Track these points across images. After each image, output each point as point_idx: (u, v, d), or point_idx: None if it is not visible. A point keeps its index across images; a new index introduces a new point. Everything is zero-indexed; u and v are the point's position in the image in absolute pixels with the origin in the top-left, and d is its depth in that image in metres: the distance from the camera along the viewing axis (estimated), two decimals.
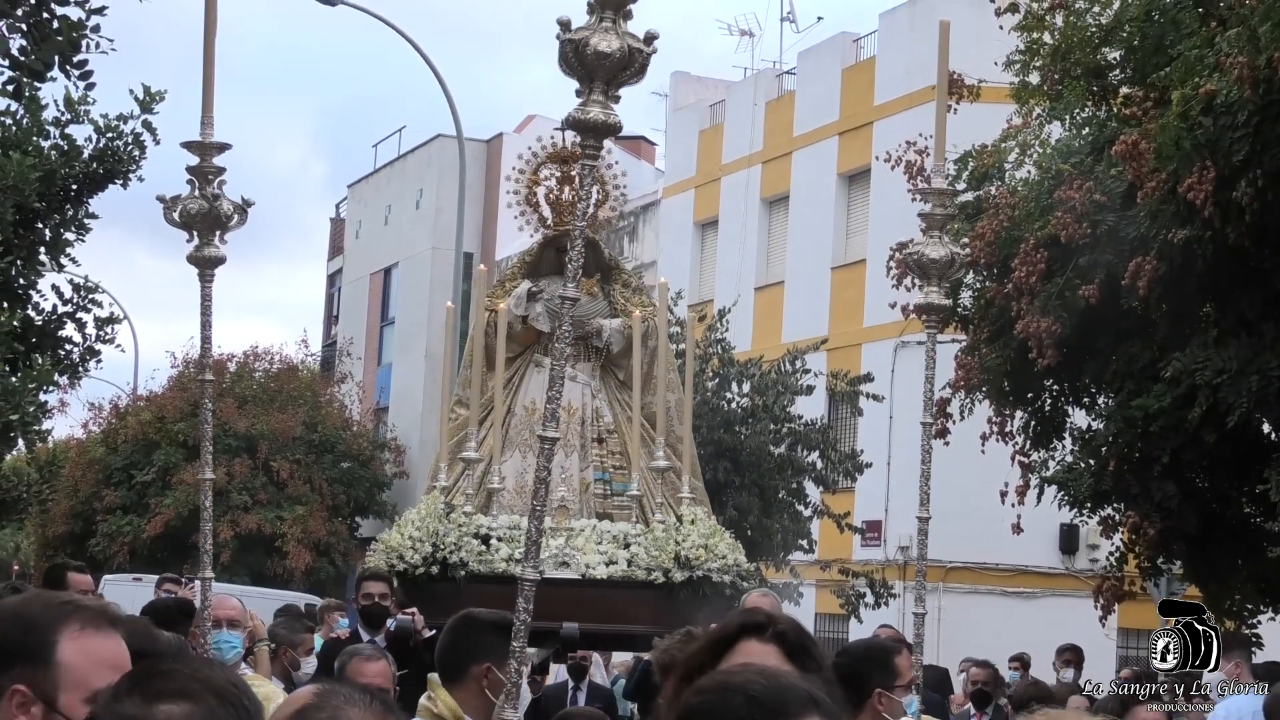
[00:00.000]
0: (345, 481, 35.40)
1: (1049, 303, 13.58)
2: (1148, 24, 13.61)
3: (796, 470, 23.52)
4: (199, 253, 6.92)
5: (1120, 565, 15.39)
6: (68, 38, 10.84)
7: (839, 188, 31.20)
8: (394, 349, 44.00)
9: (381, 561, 10.82)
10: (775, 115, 33.31)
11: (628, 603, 10.87)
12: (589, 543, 11.16)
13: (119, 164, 13.18)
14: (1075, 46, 14.42)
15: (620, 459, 12.14)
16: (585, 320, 12.29)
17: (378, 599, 10.20)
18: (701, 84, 37.70)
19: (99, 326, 13.84)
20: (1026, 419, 15.30)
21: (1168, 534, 14.01)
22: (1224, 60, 11.91)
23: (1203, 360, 12.86)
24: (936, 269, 7.68)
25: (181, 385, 35.30)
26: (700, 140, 35.93)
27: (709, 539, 11.14)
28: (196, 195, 6.81)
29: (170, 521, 32.54)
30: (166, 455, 33.71)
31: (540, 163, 12.31)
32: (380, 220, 45.27)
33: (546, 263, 12.39)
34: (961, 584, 26.92)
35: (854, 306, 29.30)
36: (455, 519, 11.03)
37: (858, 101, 30.90)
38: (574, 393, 12.20)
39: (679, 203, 36.08)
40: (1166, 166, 12.37)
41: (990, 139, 15.45)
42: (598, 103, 4.80)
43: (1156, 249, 12.79)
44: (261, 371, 37.07)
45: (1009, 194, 14.63)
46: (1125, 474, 13.94)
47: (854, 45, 32.05)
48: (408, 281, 43.27)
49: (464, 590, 10.52)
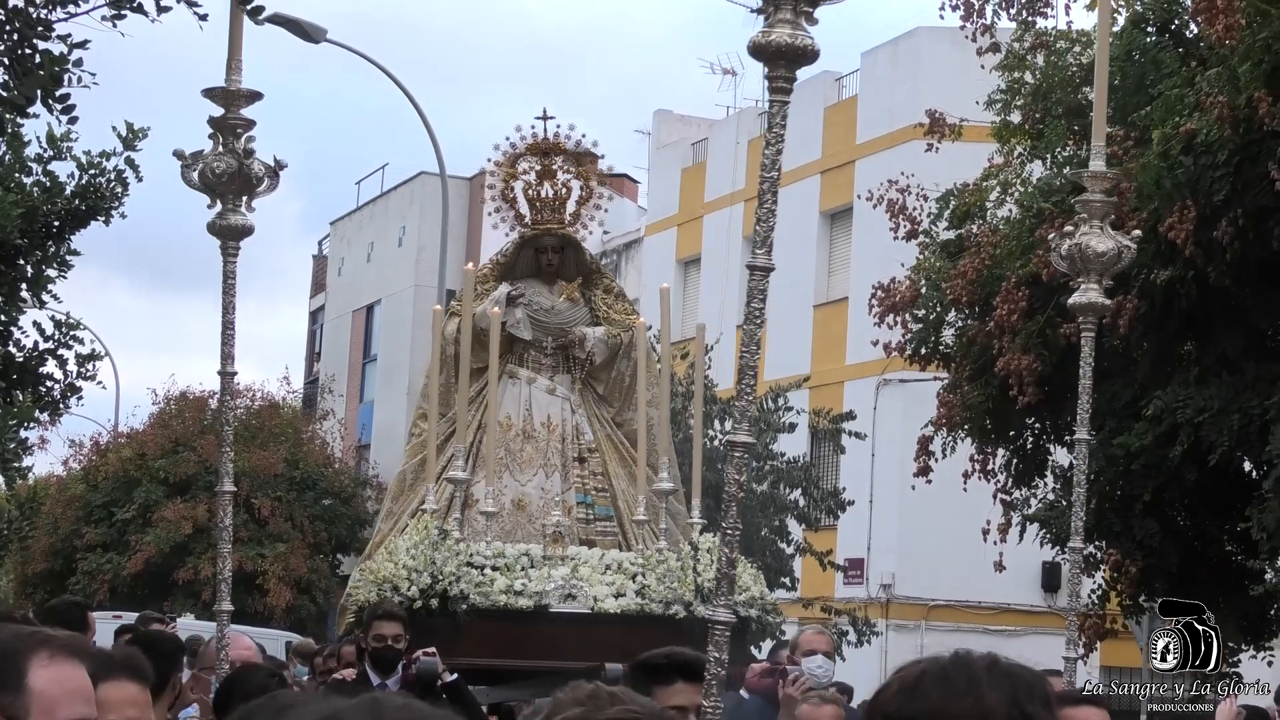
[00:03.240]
0: (327, 519, 35.28)
1: (1030, 341, 13.61)
2: (1128, 64, 13.68)
3: (779, 508, 23.51)
4: (223, 220, 5.76)
5: (1102, 603, 15.39)
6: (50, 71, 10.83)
7: (821, 226, 31.26)
8: (376, 386, 43.94)
9: (371, 594, 9.83)
10: (758, 154, 33.26)
11: (643, 640, 9.78)
12: (594, 573, 10.26)
13: (101, 200, 13.17)
14: (1056, 86, 14.49)
15: (602, 480, 11.42)
16: (566, 328, 11.71)
17: (391, 641, 8.83)
18: (684, 122, 37.79)
19: (80, 363, 13.82)
20: (1008, 457, 15.31)
21: (1149, 572, 14.02)
22: (1204, 100, 11.97)
23: (1184, 399, 12.89)
24: (1100, 264, 6.47)
25: (162, 422, 35.20)
26: (683, 178, 36.00)
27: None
28: (223, 151, 5.65)
29: (151, 559, 32.39)
30: (147, 492, 33.57)
31: (518, 155, 11.61)
32: (363, 257, 45.26)
33: (523, 264, 11.76)
34: (943, 622, 26.88)
35: (836, 344, 29.33)
36: (450, 546, 10.08)
37: (839, 140, 30.98)
38: (553, 407, 11.52)
39: (662, 240, 36.12)
40: (1147, 205, 12.42)
41: (972, 178, 15.51)
42: (786, 22, 3.72)
43: (1138, 288, 12.82)
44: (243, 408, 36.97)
45: (990, 232, 14.67)
46: (1107, 512, 13.95)
47: (836, 84, 32.15)
48: (390, 319, 43.23)
49: (464, 626, 9.74)
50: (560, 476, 11.31)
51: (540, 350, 11.75)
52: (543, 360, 11.74)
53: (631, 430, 11.42)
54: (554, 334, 11.77)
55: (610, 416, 11.69)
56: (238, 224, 5.75)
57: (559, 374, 11.69)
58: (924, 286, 15.20)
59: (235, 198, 5.72)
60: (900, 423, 23.15)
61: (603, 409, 11.68)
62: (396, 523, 11.32)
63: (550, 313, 11.78)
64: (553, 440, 11.37)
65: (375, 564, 10.08)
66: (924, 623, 26.07)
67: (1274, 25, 11.68)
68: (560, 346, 11.70)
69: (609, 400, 11.71)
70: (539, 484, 11.24)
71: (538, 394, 11.59)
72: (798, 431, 24.44)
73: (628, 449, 11.40)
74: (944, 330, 15.42)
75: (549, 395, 11.54)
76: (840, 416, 24.71)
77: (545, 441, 11.35)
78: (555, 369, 11.65)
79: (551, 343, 11.76)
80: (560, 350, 11.71)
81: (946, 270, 14.76)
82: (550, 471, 11.28)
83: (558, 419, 11.46)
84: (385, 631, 8.80)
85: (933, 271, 15.22)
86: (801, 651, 8.84)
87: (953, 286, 14.35)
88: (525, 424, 11.41)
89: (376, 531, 11.78)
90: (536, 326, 11.71)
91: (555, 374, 11.64)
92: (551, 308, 11.79)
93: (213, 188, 5.67)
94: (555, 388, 11.58)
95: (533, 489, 11.26)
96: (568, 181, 11.67)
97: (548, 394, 11.57)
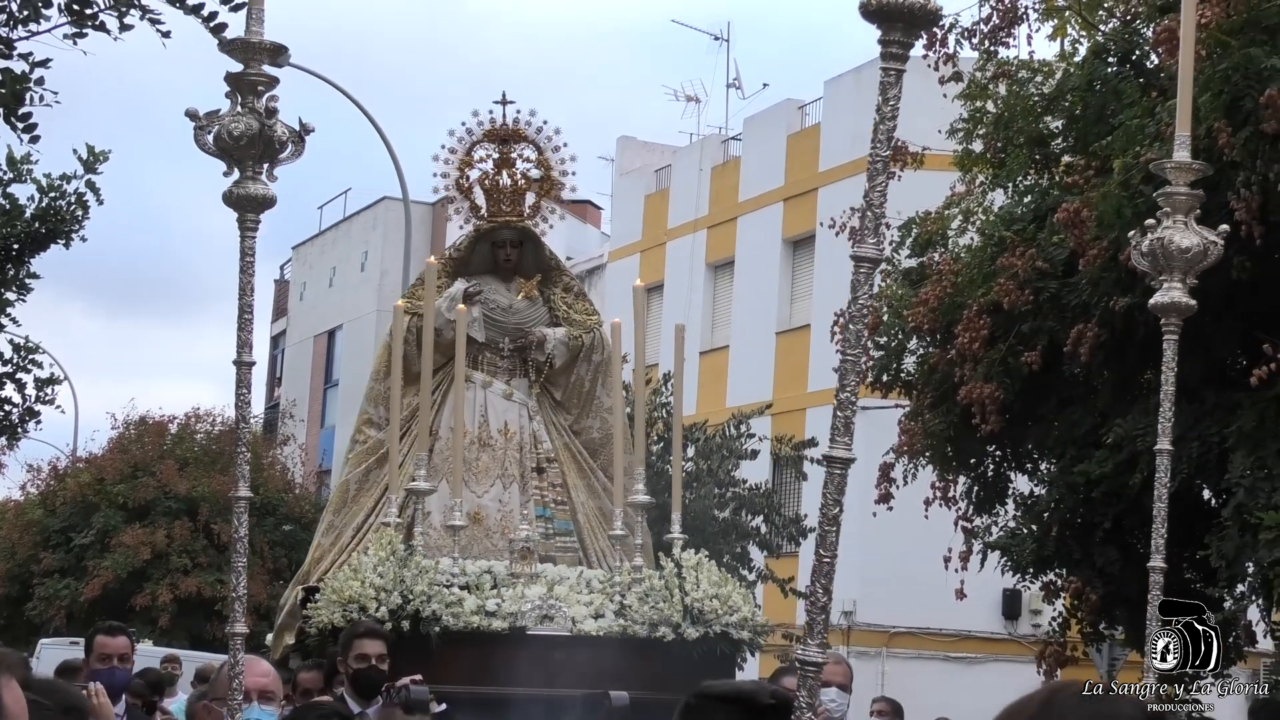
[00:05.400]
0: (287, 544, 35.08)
1: (992, 369, 13.64)
2: (1089, 94, 13.75)
3: (740, 534, 23.50)
4: (241, 189, 5.00)
5: (1063, 630, 15.41)
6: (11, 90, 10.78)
7: (784, 253, 31.33)
8: (337, 411, 43.82)
9: (336, 616, 9.02)
10: (721, 180, 33.46)
11: (630, 663, 9.11)
12: (571, 593, 9.47)
13: (61, 224, 13.10)
14: (1018, 115, 14.55)
15: (561, 492, 10.66)
16: (525, 328, 10.92)
17: (375, 661, 8.01)
18: (647, 149, 37.86)
19: (39, 387, 13.74)
20: (969, 484, 15.33)
21: (1110, 599, 14.05)
22: (1165, 130, 12.02)
23: (1144, 427, 12.92)
24: (1184, 261, 5.82)
25: (121, 447, 35.03)
26: (646, 205, 36.04)
27: (719, 588, 9.42)
28: (243, 112, 4.96)
29: (109, 585, 32.19)
30: (106, 518, 33.37)
31: (475, 142, 10.81)
32: (325, 282, 45.17)
33: (479, 260, 10.95)
34: (904, 649, 26.90)
35: (798, 371, 29.37)
36: (417, 563, 9.24)
37: (803, 168, 31.07)
38: (510, 413, 10.72)
39: (624, 267, 36.15)
40: (1108, 234, 12.47)
41: (934, 206, 15.56)
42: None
43: (1098, 316, 12.87)
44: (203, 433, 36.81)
45: (952, 261, 14.71)
46: (1067, 539, 13.99)
47: (799, 112, 32.26)
48: (352, 344, 43.16)
49: (438, 650, 8.98)
50: (519, 488, 10.55)
51: (496, 352, 10.92)
52: (499, 363, 10.91)
53: (590, 439, 10.83)
54: (511, 334, 10.95)
55: (568, 424, 10.94)
56: (258, 194, 4.97)
57: (516, 377, 10.90)
58: (886, 314, 15.23)
59: (255, 164, 4.98)
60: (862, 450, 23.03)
61: (560, 416, 10.92)
62: (339, 537, 10.58)
63: (508, 312, 10.95)
64: (510, 449, 10.62)
65: (339, 583, 9.23)
66: (885, 650, 26.07)
67: (1234, 57, 11.76)
68: (518, 348, 10.92)
69: (566, 407, 10.96)
70: (496, 495, 10.50)
71: (494, 399, 10.77)
72: (760, 458, 24.45)
73: (586, 459, 10.76)
74: (906, 358, 15.45)
75: (505, 400, 10.76)
76: (802, 443, 24.72)
77: (502, 450, 10.60)
78: (512, 372, 10.88)
79: (509, 344, 10.94)
80: (517, 352, 10.92)
81: (908, 298, 14.80)
82: (508, 482, 10.54)
83: (515, 426, 10.69)
84: (368, 650, 8.01)
85: (894, 299, 15.25)
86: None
87: (914, 314, 14.39)
88: (481, 431, 10.59)
89: (315, 546, 10.78)
90: (492, 326, 10.86)
91: (512, 377, 10.86)
92: (509, 306, 10.95)
93: (230, 152, 4.94)
94: (512, 392, 10.81)
95: (489, 501, 10.52)
96: (527, 171, 10.89)
97: (504, 399, 10.79)
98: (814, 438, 25.12)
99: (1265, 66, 11.50)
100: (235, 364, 5.14)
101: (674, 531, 9.81)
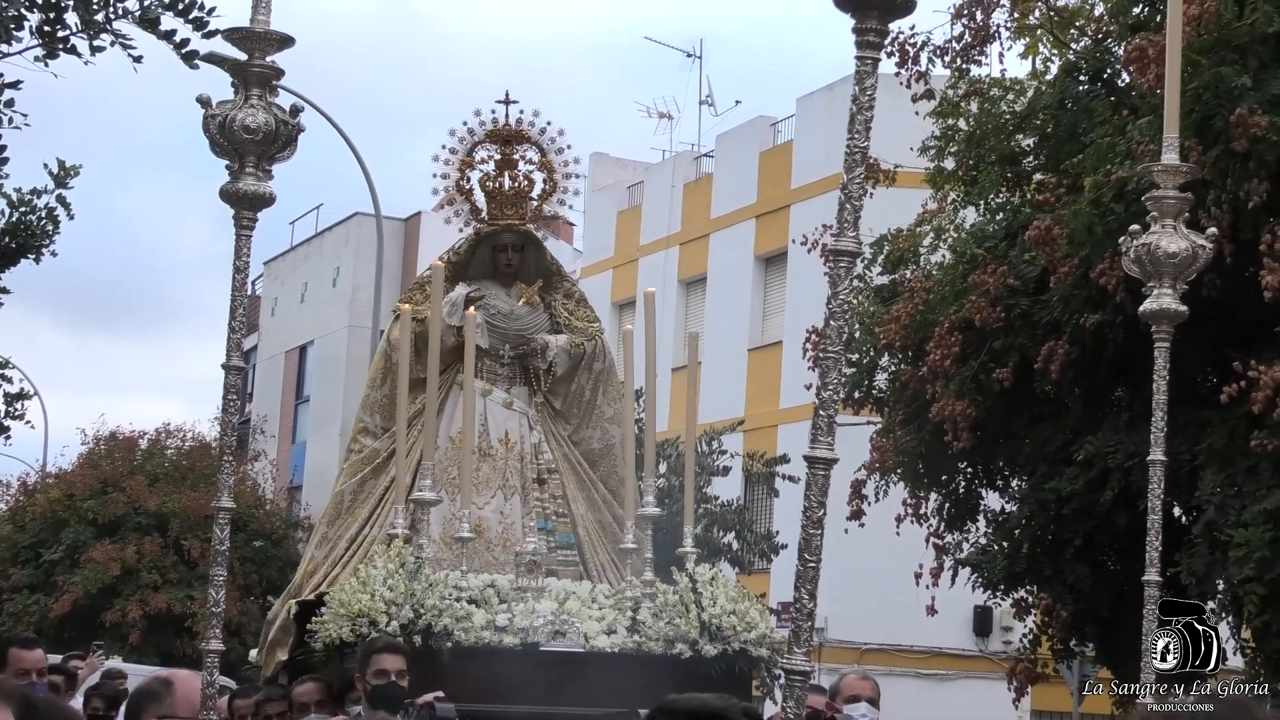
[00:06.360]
0: (257, 561, 35.00)
1: (963, 386, 13.67)
2: (1061, 112, 13.80)
3: (712, 551, 23.48)
4: (239, 185, 4.81)
5: (1034, 647, 15.43)
6: None
7: (756, 270, 31.36)
8: (309, 427, 43.71)
9: (344, 631, 8.63)
10: (693, 197, 33.49)
11: (648, 682, 8.59)
12: (583, 607, 9.11)
13: (32, 238, 13.06)
14: (990, 133, 14.61)
15: (562, 504, 10.32)
16: (526, 335, 10.53)
17: (395, 677, 7.69)
18: (620, 165, 37.87)
19: (9, 402, 13.70)
20: (941, 501, 15.35)
21: (1080, 616, 14.08)
22: (1136, 148, 12.08)
23: (1114, 444, 12.97)
24: (1173, 266, 5.80)
25: (91, 463, 34.89)
26: (618, 221, 36.06)
27: (737, 604, 9.04)
28: (254, 104, 4.77)
29: (78, 601, 32.05)
30: (75, 533, 33.22)
31: (477, 142, 10.43)
32: (296, 298, 45.07)
33: (479, 264, 10.58)
34: (876, 665, 26.87)
35: (770, 388, 29.39)
36: (427, 576, 8.86)
37: (775, 185, 31.12)
38: (510, 422, 10.34)
39: (597, 283, 36.13)
40: (1079, 252, 12.51)
41: (906, 223, 15.60)
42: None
43: (1069, 333, 12.91)
44: (173, 449, 36.69)
45: (924, 278, 14.75)
46: (1038, 556, 14.01)
47: (771, 129, 32.32)
48: (323, 360, 43.05)
49: (449, 667, 8.58)
50: (520, 499, 10.20)
51: (496, 359, 10.51)
52: (499, 370, 10.51)
53: (590, 449, 10.51)
54: (512, 341, 10.55)
55: (568, 434, 10.60)
56: (259, 192, 4.83)
57: (516, 385, 10.51)
58: (858, 331, 15.26)
59: (260, 160, 4.83)
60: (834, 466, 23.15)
61: (559, 425, 10.57)
62: (332, 549, 10.21)
63: (509, 318, 10.55)
64: (511, 459, 10.25)
65: (347, 596, 8.84)
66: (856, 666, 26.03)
67: (1204, 75, 11.82)
68: (518, 355, 10.52)
69: (566, 416, 10.60)
70: (497, 507, 10.14)
71: (494, 408, 10.40)
72: (732, 475, 24.45)
73: (586, 470, 10.44)
74: (878, 375, 15.48)
75: (506, 409, 10.38)
76: (774, 460, 24.73)
77: (503, 460, 10.22)
78: (512, 380, 10.48)
79: (509, 351, 10.54)
80: (518, 360, 10.52)
81: (880, 315, 14.83)
82: (509, 494, 10.17)
83: (516, 436, 10.31)
84: (388, 666, 7.70)
85: (866, 316, 15.28)
86: (844, 698, 8.16)
87: (886, 331, 14.42)
88: (481, 441, 10.19)
89: (308, 559, 10.43)
90: (493, 333, 10.47)
91: (512, 385, 10.47)
92: (510, 312, 10.53)
93: (235, 146, 4.77)
94: (513, 401, 10.42)
95: (490, 513, 10.14)
96: (530, 173, 10.51)
97: (505, 408, 10.43)
98: (786, 454, 25.13)
99: (1235, 85, 11.57)
100: (224, 368, 5.04)
101: (686, 545, 9.46)
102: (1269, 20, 11.75)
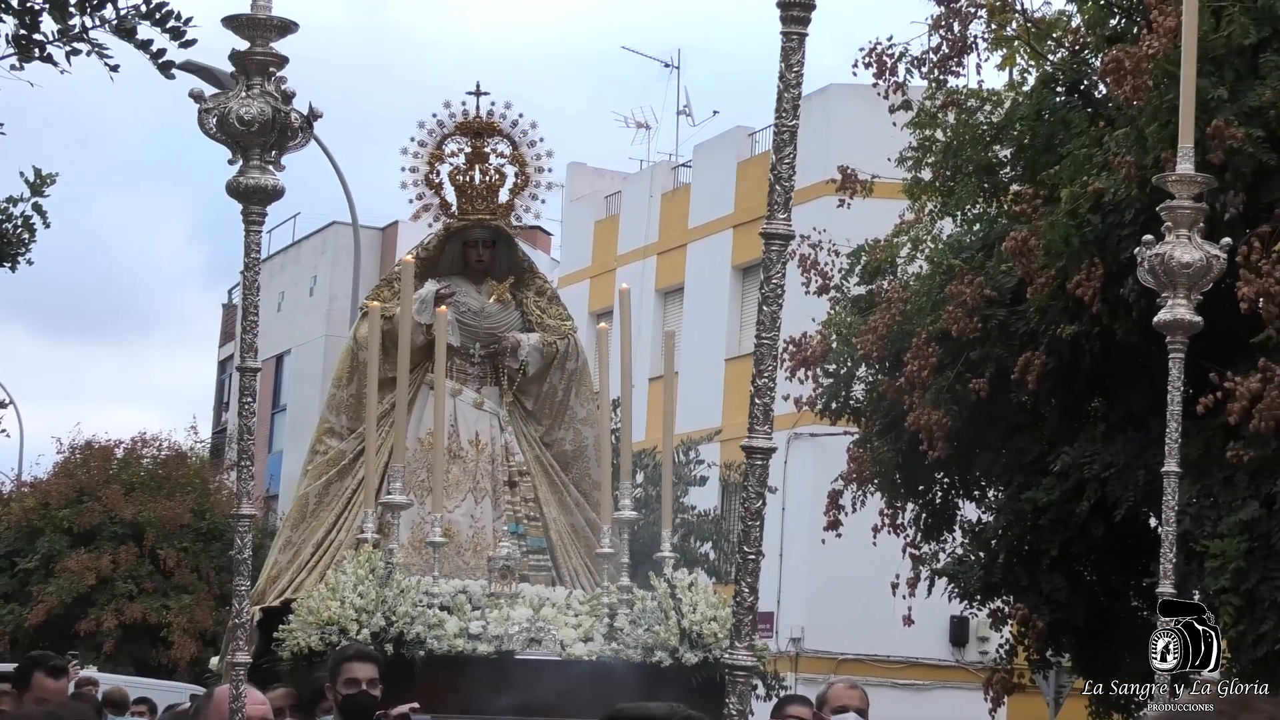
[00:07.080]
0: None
1: (940, 396, 13.69)
2: (1038, 123, 13.84)
3: (689, 561, 23.47)
4: (245, 178, 4.57)
5: (1010, 657, 15.45)
6: None
7: (734, 280, 31.39)
8: (285, 437, 43.61)
9: (312, 639, 8.37)
10: (671, 207, 33.51)
11: (627, 690, 8.24)
12: (559, 614, 8.86)
13: (8, 247, 13.01)
14: (967, 144, 14.63)
15: (533, 507, 10.05)
16: (497, 333, 10.27)
17: (366, 686, 7.32)
18: (597, 175, 37.87)
19: None
20: (917, 511, 15.37)
21: (1056, 626, 14.10)
22: (1112, 159, 12.11)
23: (1091, 454, 12.99)
24: (1187, 276, 5.76)
25: (67, 471, 34.78)
26: (596, 231, 36.06)
27: (718, 610, 8.73)
28: (254, 94, 4.53)
29: (53, 610, 31.93)
30: (50, 542, 33.10)
31: (446, 135, 10.18)
32: (273, 307, 44.99)
33: (448, 260, 10.32)
34: (853, 675, 26.87)
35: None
36: (398, 582, 8.57)
37: (752, 194, 31.13)
38: (481, 423, 10.08)
39: (574, 293, 36.11)
40: (1055, 263, 12.54)
41: (883, 234, 15.62)
42: None
43: (1045, 344, 12.94)
44: (149, 458, 36.59)
45: (901, 288, 14.77)
46: (1015, 566, 14.03)
47: (749, 139, 32.34)
48: (300, 369, 42.99)
49: (421, 676, 8.32)
50: (491, 502, 9.95)
51: (467, 358, 10.26)
52: (468, 370, 10.26)
53: (562, 451, 10.28)
54: (483, 340, 10.29)
55: (540, 436, 10.35)
56: (266, 185, 4.56)
57: (487, 385, 10.25)
58: (835, 341, 15.27)
59: (264, 151, 4.57)
60: (811, 477, 23.20)
61: (530, 426, 10.30)
62: (297, 554, 9.96)
63: (479, 315, 10.29)
64: (481, 461, 9.98)
65: (315, 603, 8.51)
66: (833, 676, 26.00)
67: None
68: (489, 354, 10.28)
69: (538, 417, 10.34)
70: (468, 511, 9.88)
71: (464, 408, 10.14)
72: (709, 485, 24.45)
73: (558, 472, 10.20)
74: (855, 385, 15.50)
75: (476, 410, 10.14)
76: None
77: (474, 463, 9.95)
78: (483, 380, 10.23)
79: (479, 350, 10.29)
80: (489, 359, 10.28)
81: (857, 325, 14.85)
82: (480, 497, 9.91)
83: (486, 437, 10.06)
84: (359, 674, 7.33)
85: (844, 327, 15.30)
86: (831, 708, 8.00)
87: (863, 342, 14.43)
88: (451, 442, 9.92)
89: (272, 564, 10.11)
90: (463, 331, 10.20)
91: (483, 385, 10.21)
92: (481, 310, 10.31)
93: (237, 139, 4.53)
94: (483, 401, 10.18)
95: (460, 516, 9.87)
96: (501, 167, 10.25)
97: (475, 408, 10.18)
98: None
99: (1212, 97, 11.59)
100: (239, 370, 4.93)
101: (664, 550, 9.17)
102: (1245, 33, 11.79)
